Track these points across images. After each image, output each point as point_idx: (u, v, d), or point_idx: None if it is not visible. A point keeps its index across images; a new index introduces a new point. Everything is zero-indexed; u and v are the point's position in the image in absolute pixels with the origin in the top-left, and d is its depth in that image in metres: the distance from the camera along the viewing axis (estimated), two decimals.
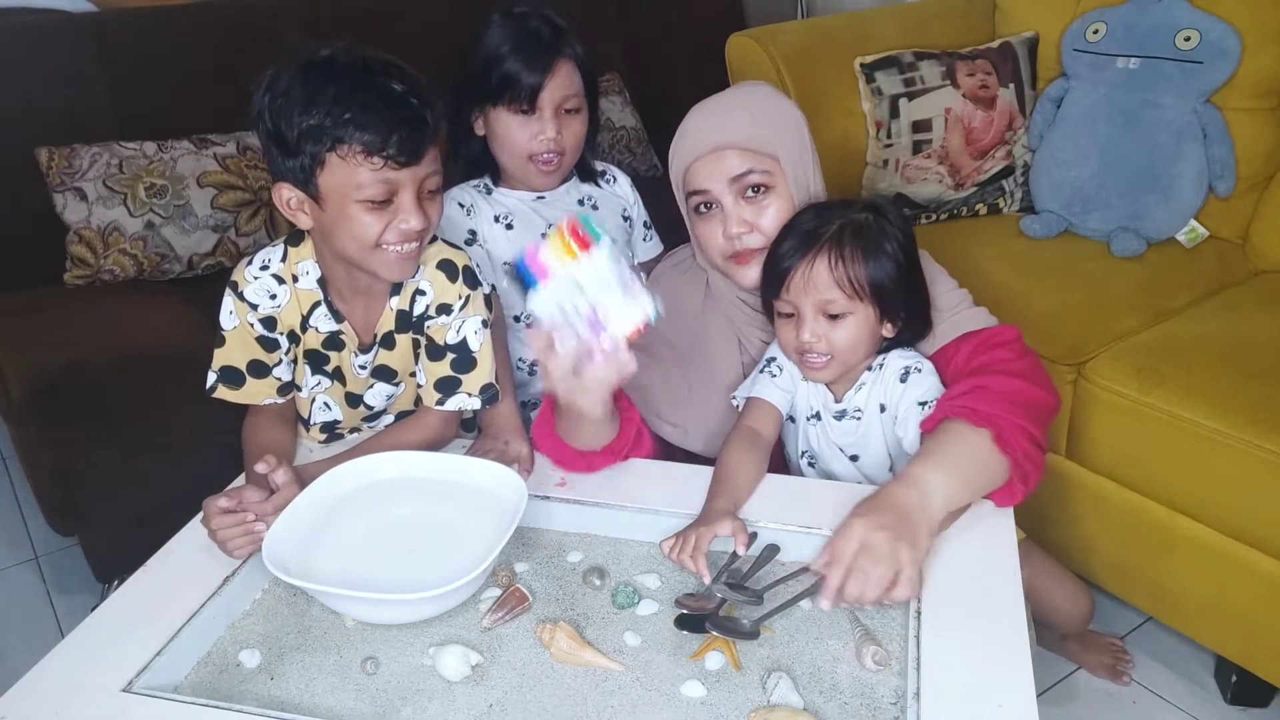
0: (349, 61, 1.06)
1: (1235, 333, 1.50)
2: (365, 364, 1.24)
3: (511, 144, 1.37)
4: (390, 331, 1.23)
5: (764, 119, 1.23)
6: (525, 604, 1.02)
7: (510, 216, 1.43)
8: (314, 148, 1.04)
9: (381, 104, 1.03)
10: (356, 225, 1.08)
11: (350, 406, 1.28)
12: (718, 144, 1.21)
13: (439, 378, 1.23)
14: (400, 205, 1.08)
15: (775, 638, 0.98)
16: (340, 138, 1.03)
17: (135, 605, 1.01)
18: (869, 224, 1.16)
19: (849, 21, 2.10)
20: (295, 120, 1.04)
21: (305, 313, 1.20)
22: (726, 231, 1.23)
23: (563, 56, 1.34)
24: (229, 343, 1.20)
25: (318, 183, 1.07)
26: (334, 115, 1.03)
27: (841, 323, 1.16)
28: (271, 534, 1.02)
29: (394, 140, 1.03)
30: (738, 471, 1.14)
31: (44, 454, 1.58)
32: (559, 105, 1.35)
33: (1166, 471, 1.42)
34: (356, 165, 1.04)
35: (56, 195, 1.79)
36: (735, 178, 1.21)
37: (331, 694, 0.94)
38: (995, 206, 1.98)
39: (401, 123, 1.04)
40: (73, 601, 1.82)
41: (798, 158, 1.24)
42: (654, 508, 1.13)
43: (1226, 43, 1.70)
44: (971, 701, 0.86)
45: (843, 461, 1.25)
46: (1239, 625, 1.41)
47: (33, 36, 1.90)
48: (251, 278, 1.18)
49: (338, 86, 1.03)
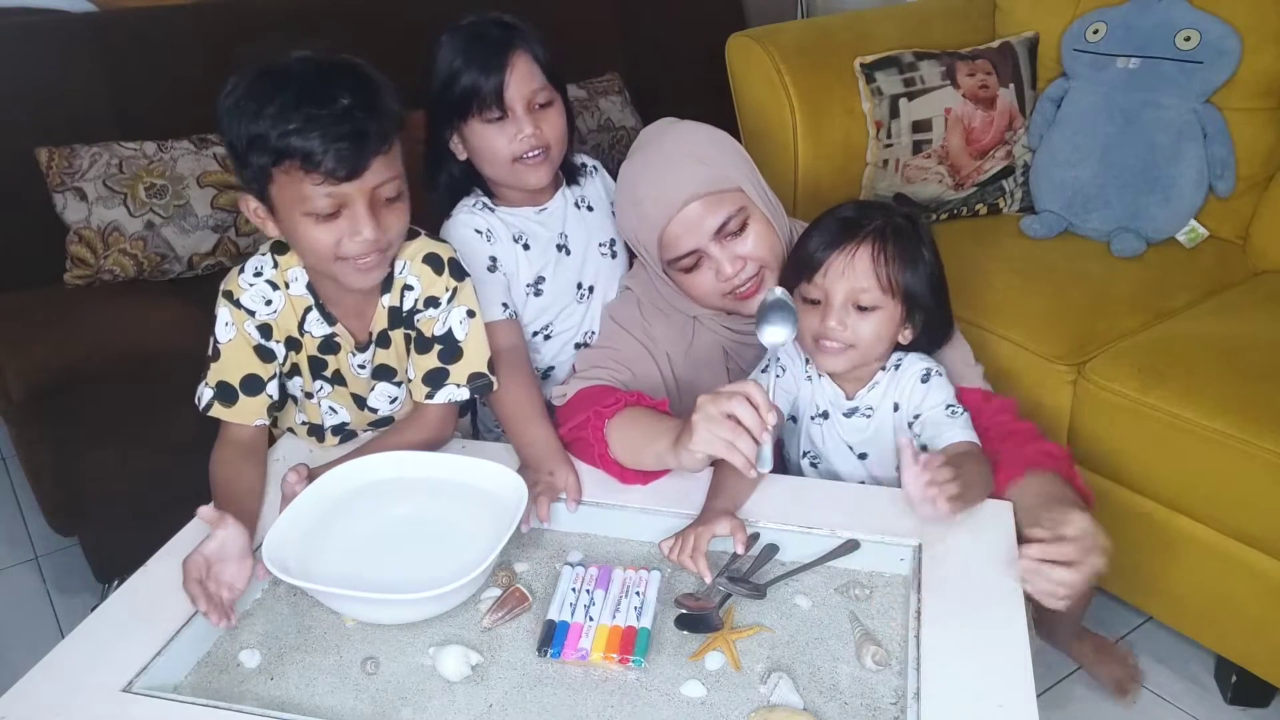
0: (303, 70, 1.04)
1: (1235, 333, 1.50)
2: (364, 364, 1.24)
3: (493, 153, 1.33)
4: (385, 329, 1.22)
5: (710, 158, 1.24)
6: (525, 604, 1.02)
7: (525, 236, 1.39)
8: (260, 160, 1.03)
9: (324, 117, 1.01)
10: (308, 238, 1.07)
11: (357, 408, 1.28)
12: (686, 198, 1.21)
13: (426, 370, 1.22)
14: (352, 217, 1.06)
15: (775, 638, 0.98)
16: (281, 152, 1.02)
17: (135, 605, 1.01)
18: (908, 228, 1.18)
19: (849, 21, 2.10)
20: (243, 131, 1.03)
21: (300, 318, 1.19)
22: (721, 275, 1.24)
23: (515, 51, 1.29)
24: (225, 356, 1.18)
25: (271, 194, 1.06)
26: (276, 128, 1.01)
27: (869, 315, 1.16)
28: (272, 534, 1.01)
29: (331, 155, 1.01)
30: (737, 471, 1.14)
31: (44, 454, 1.58)
32: (529, 101, 1.30)
33: (1166, 471, 1.42)
34: (299, 180, 1.03)
35: (56, 195, 1.79)
36: (717, 231, 1.22)
37: (331, 694, 0.94)
38: (995, 206, 1.98)
39: (342, 137, 1.01)
40: (73, 601, 1.82)
41: (749, 175, 1.26)
42: (654, 508, 1.13)
43: (1226, 43, 1.70)
44: (971, 701, 0.86)
45: (849, 460, 1.25)
46: (1239, 625, 1.41)
47: (33, 36, 1.90)
48: (246, 285, 1.17)
49: (283, 98, 1.01)
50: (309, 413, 1.28)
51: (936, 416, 1.17)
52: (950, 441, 1.15)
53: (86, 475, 1.59)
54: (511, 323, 1.35)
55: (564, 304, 1.42)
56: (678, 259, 1.25)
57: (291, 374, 1.24)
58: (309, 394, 1.25)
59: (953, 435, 1.15)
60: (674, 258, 1.25)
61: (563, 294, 1.42)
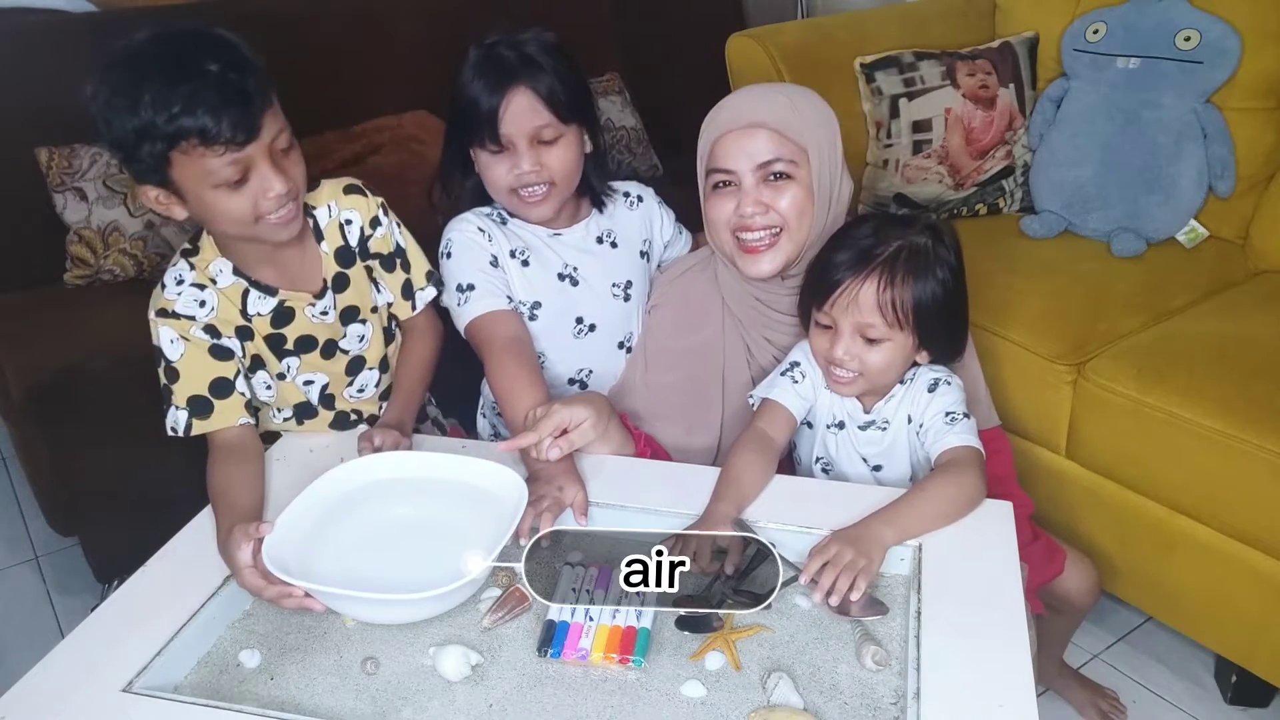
0: (159, 51, 1.03)
1: (1235, 333, 1.50)
2: (326, 309, 1.23)
3: (492, 182, 1.31)
4: (339, 271, 1.24)
5: (802, 111, 1.24)
6: (525, 604, 1.02)
7: (526, 252, 1.36)
8: (153, 148, 1.03)
9: (205, 89, 1.01)
10: (223, 208, 1.08)
11: (326, 358, 1.26)
12: (752, 120, 1.21)
13: (401, 284, 1.30)
14: (260, 176, 1.07)
15: (775, 638, 0.98)
16: (174, 135, 1.01)
17: (135, 605, 1.01)
18: (925, 249, 1.14)
19: (849, 21, 2.10)
20: (126, 125, 1.02)
21: (240, 305, 1.19)
22: (740, 208, 1.23)
23: (518, 84, 1.24)
24: (183, 373, 1.17)
25: (172, 178, 1.06)
26: (160, 114, 1.00)
27: (877, 347, 1.15)
28: (271, 534, 1.01)
29: (226, 123, 1.01)
30: (744, 475, 1.14)
31: (44, 454, 1.58)
32: (531, 137, 1.26)
33: (1166, 471, 1.42)
34: (200, 156, 1.03)
35: (56, 195, 1.79)
36: (762, 164, 1.22)
37: (331, 694, 0.94)
38: (995, 206, 1.98)
39: (229, 103, 1.01)
40: (73, 601, 1.82)
41: (827, 156, 1.25)
42: (654, 508, 1.13)
43: (1226, 43, 1.70)
44: (971, 701, 0.86)
45: (862, 471, 1.24)
46: (1239, 625, 1.41)
47: (33, 36, 1.90)
48: (174, 295, 1.17)
49: (155, 84, 1.01)
50: (287, 395, 1.27)
51: (936, 424, 1.17)
52: (943, 449, 1.14)
53: (86, 475, 1.59)
54: (513, 314, 1.33)
55: (560, 335, 1.39)
56: (715, 170, 1.25)
57: (255, 368, 1.23)
58: (281, 375, 1.25)
59: (946, 442, 1.14)
60: (713, 168, 1.25)
61: (560, 324, 1.38)
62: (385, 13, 2.23)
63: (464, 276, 1.32)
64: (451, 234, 1.35)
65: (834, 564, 0.98)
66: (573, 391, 1.41)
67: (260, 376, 1.24)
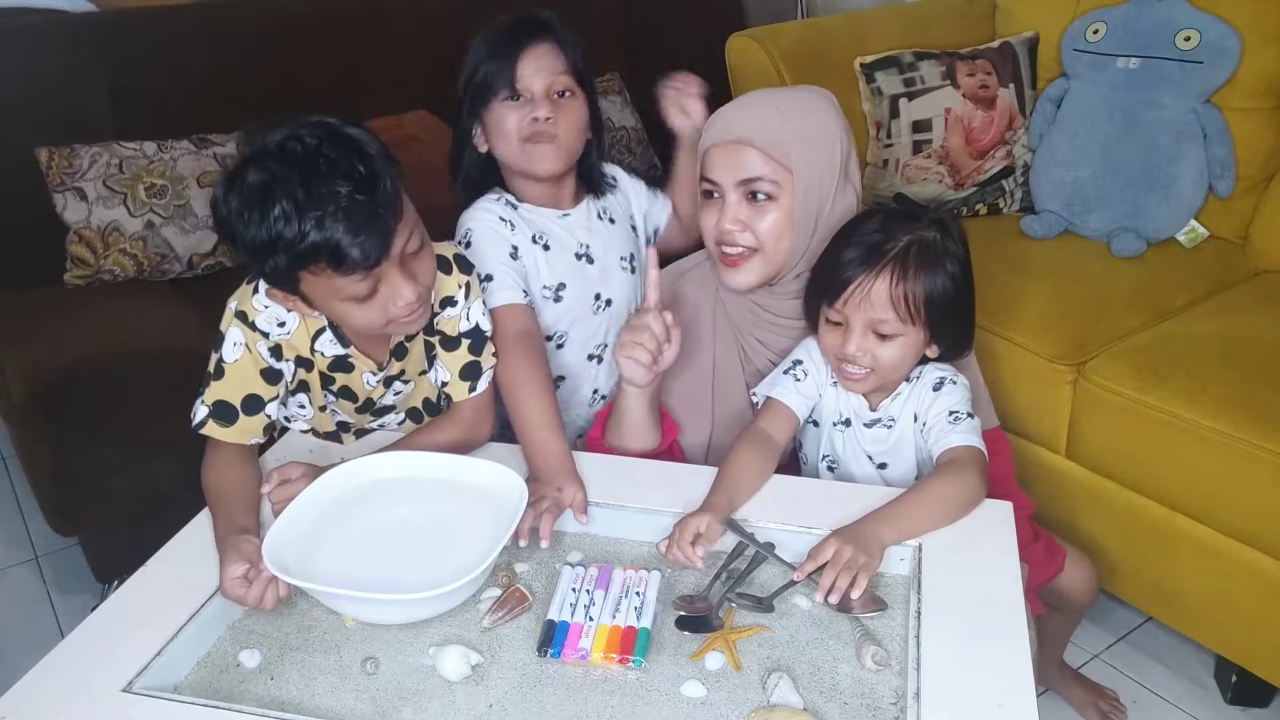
0: (293, 165, 0.99)
1: (1235, 333, 1.50)
2: (375, 372, 1.23)
3: (505, 133, 1.32)
4: (401, 342, 1.22)
5: (796, 127, 1.20)
6: (525, 604, 1.02)
7: (545, 236, 1.38)
8: (280, 262, 1.01)
9: (336, 214, 0.98)
10: (353, 318, 1.08)
11: (359, 412, 1.27)
12: (740, 137, 1.20)
13: (462, 365, 1.23)
14: (389, 285, 1.06)
15: (775, 638, 0.98)
16: (303, 256, 1.00)
17: (135, 605, 1.01)
18: (935, 244, 1.14)
19: (849, 21, 2.10)
20: (253, 237, 1.00)
21: (312, 337, 1.18)
22: (720, 224, 1.23)
23: (539, 38, 1.30)
24: (228, 375, 1.15)
25: (300, 290, 1.06)
26: (288, 233, 0.98)
27: (890, 342, 1.15)
28: (271, 534, 1.01)
29: (357, 249, 1.00)
30: (741, 472, 1.14)
31: (44, 454, 1.58)
32: (547, 87, 1.30)
33: (1166, 471, 1.42)
34: (329, 276, 1.02)
35: (56, 195, 1.79)
36: (743, 181, 1.21)
37: (331, 694, 0.94)
38: (995, 206, 1.98)
39: (359, 230, 0.99)
40: (73, 601, 1.82)
41: (816, 178, 1.21)
42: (654, 508, 1.13)
43: (1226, 43, 1.70)
44: (971, 701, 0.86)
45: (868, 469, 1.24)
46: (1239, 625, 1.41)
47: (33, 36, 1.90)
48: (261, 306, 1.15)
49: (284, 203, 0.98)
50: (320, 421, 1.27)
51: (939, 423, 1.17)
52: (945, 448, 1.14)
53: (86, 475, 1.59)
54: (528, 309, 1.34)
55: (581, 314, 1.41)
56: (704, 179, 1.25)
57: (298, 389, 1.22)
58: (321, 407, 1.25)
59: (948, 441, 1.14)
60: (703, 176, 1.26)
61: (582, 303, 1.41)
62: (385, 13, 2.23)
63: (483, 267, 1.32)
64: (471, 223, 1.35)
65: (834, 562, 0.98)
66: (593, 369, 1.45)
67: (300, 398, 1.24)
